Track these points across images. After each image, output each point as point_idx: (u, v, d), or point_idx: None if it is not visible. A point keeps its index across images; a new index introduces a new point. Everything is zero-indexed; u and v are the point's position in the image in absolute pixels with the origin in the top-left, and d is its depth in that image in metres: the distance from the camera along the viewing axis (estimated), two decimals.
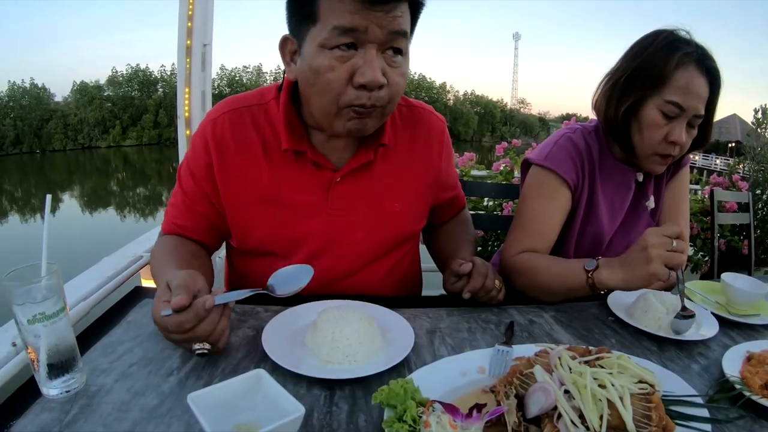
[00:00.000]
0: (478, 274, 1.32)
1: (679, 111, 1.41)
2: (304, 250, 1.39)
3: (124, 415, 0.88)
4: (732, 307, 1.39)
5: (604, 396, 0.78)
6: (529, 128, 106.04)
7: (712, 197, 3.39)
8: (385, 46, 1.14)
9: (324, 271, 1.38)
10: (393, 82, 1.17)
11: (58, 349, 0.91)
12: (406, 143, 1.46)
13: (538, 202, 1.57)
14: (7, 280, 0.87)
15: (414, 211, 1.50)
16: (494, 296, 1.35)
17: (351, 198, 1.38)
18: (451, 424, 0.78)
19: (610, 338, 1.25)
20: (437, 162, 1.53)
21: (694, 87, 1.40)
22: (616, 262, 1.29)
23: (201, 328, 0.97)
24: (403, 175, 1.45)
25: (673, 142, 1.44)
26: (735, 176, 4.53)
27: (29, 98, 63.54)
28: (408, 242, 1.56)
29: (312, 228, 1.37)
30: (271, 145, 1.34)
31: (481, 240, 3.50)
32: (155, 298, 1.02)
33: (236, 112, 1.35)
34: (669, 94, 1.41)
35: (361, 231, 1.41)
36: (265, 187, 1.34)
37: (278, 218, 1.36)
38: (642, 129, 1.47)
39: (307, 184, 1.35)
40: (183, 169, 1.40)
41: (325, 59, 1.12)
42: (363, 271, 1.46)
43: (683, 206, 1.71)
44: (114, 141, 68.59)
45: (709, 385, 1.04)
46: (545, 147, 1.60)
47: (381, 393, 0.84)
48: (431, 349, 1.15)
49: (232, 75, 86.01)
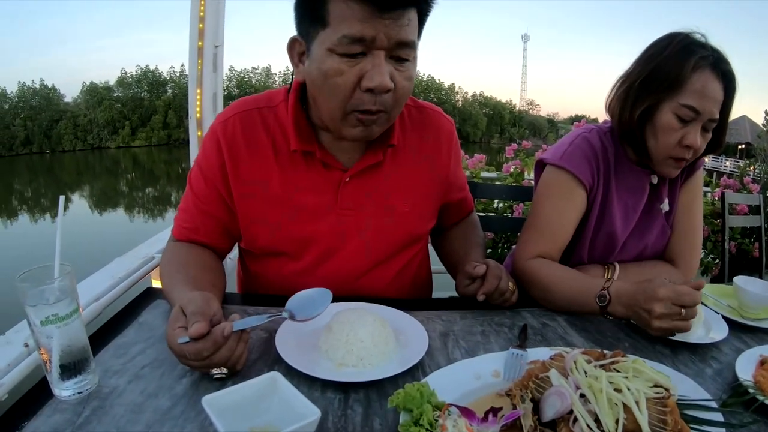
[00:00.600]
0: (493, 276, 1.31)
1: (695, 115, 1.39)
2: (315, 250, 1.39)
3: (137, 417, 0.88)
4: (744, 310, 1.38)
5: (619, 400, 0.78)
6: (538, 130, 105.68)
7: (723, 200, 3.36)
8: (392, 52, 1.15)
9: (334, 271, 1.40)
10: (399, 86, 1.18)
11: (70, 350, 0.91)
12: (414, 144, 1.47)
13: (552, 202, 1.55)
14: (20, 281, 0.87)
15: (423, 211, 1.50)
16: (508, 298, 1.35)
17: (360, 198, 1.39)
18: (467, 427, 0.77)
19: (624, 342, 1.24)
20: (446, 162, 1.53)
21: (710, 91, 1.38)
22: (624, 306, 1.26)
23: (219, 355, 0.95)
24: (412, 176, 1.45)
25: (688, 146, 1.42)
26: (746, 179, 4.50)
27: (39, 99, 64.17)
28: (418, 243, 1.56)
29: (322, 228, 1.37)
30: (280, 146, 1.34)
31: (491, 242, 3.49)
32: (169, 322, 1.00)
33: (246, 114, 1.36)
34: (684, 98, 1.39)
35: (371, 231, 1.41)
36: (275, 187, 1.35)
37: (288, 218, 1.36)
38: (657, 133, 1.45)
39: (317, 184, 1.36)
40: (194, 173, 1.40)
41: (333, 63, 1.13)
42: (373, 272, 1.46)
43: (697, 209, 1.69)
44: (123, 141, 69.02)
45: (723, 389, 1.03)
46: (560, 147, 1.58)
47: (397, 396, 0.84)
48: (445, 352, 1.14)
49: (241, 76, 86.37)
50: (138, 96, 74.37)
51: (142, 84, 75.61)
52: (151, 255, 1.93)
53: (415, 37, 1.17)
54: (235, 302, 1.38)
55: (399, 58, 1.17)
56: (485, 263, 1.33)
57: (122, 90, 74.00)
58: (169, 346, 0.98)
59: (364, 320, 1.10)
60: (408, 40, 1.14)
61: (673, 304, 1.14)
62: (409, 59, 1.19)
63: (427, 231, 1.58)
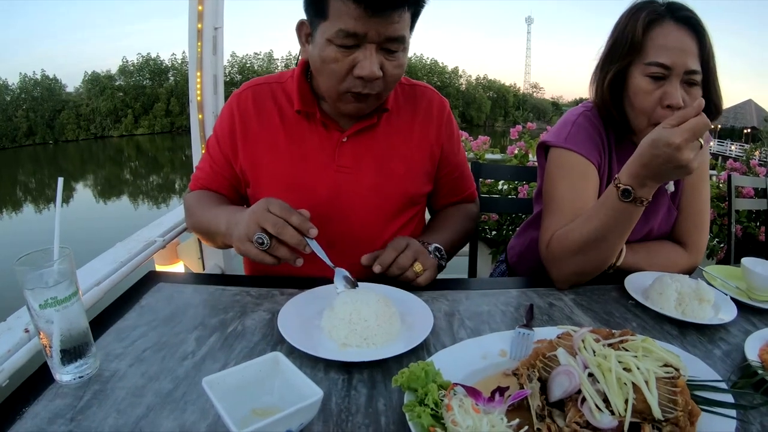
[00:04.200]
0: (392, 248, 1.35)
1: (665, 70, 1.35)
2: (315, 207, 1.39)
3: (138, 400, 0.87)
4: (752, 292, 1.36)
5: (629, 379, 0.76)
6: (542, 113, 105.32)
7: (730, 182, 3.31)
8: (384, 45, 1.28)
9: (333, 226, 1.46)
10: (389, 74, 1.32)
11: (70, 334, 0.90)
12: (407, 114, 1.59)
13: (569, 182, 1.49)
14: (18, 265, 0.86)
15: (418, 173, 1.58)
16: (410, 277, 1.34)
17: (357, 157, 1.51)
18: (473, 407, 0.76)
19: (631, 322, 1.22)
20: (436, 132, 1.61)
21: (673, 41, 1.35)
22: (641, 165, 1.18)
23: (290, 232, 1.13)
24: (405, 141, 1.56)
25: (670, 106, 1.37)
26: (753, 161, 4.45)
27: (41, 89, 64.32)
28: (414, 206, 1.63)
29: (322, 184, 1.49)
30: (286, 111, 1.51)
31: (496, 224, 3.47)
32: (262, 202, 1.17)
33: (258, 87, 1.55)
34: (648, 56, 1.37)
35: (367, 188, 1.51)
36: (280, 145, 1.50)
37: (290, 172, 1.49)
38: (632, 100, 1.42)
39: (317, 142, 1.50)
40: (211, 139, 1.60)
41: (331, 52, 1.27)
42: (371, 230, 1.53)
43: (704, 189, 1.64)
44: (126, 130, 69.22)
45: (732, 370, 1.02)
46: (563, 128, 1.54)
47: (401, 376, 0.82)
48: (450, 332, 1.13)
49: (243, 62, 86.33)
50: (140, 84, 74.53)
51: (144, 72, 75.73)
52: (153, 239, 1.92)
53: (406, 32, 1.30)
54: (244, 284, 1.38)
55: (389, 50, 1.29)
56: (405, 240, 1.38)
57: (124, 78, 74.16)
58: (264, 205, 1.16)
59: (367, 300, 1.09)
60: (397, 36, 1.27)
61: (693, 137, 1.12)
62: (399, 50, 1.31)
63: (424, 194, 1.65)
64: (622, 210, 1.25)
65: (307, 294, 1.24)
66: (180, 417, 0.83)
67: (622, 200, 1.23)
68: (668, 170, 1.16)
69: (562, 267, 1.38)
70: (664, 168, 1.15)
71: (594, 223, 1.31)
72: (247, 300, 1.27)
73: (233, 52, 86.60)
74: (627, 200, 1.22)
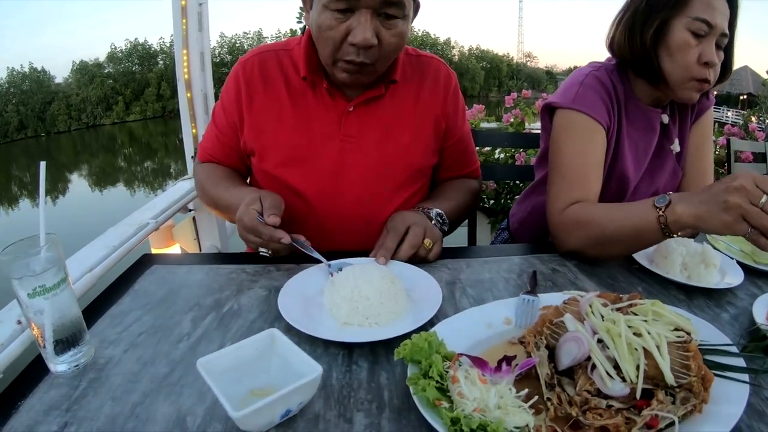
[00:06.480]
0: (393, 233, 1.32)
1: (708, 29, 1.33)
2: (320, 176, 1.48)
3: (134, 386, 0.85)
4: (757, 255, 1.33)
5: (639, 345, 0.74)
6: (536, 82, 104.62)
7: (729, 146, 3.29)
8: (381, 10, 1.24)
9: (337, 197, 1.48)
10: (385, 42, 1.28)
11: (62, 322, 0.88)
12: (414, 85, 1.55)
13: (575, 145, 1.44)
14: (4, 255, 0.83)
15: (423, 144, 1.56)
16: (422, 255, 1.32)
17: (362, 127, 1.48)
18: (480, 378, 0.73)
19: (637, 286, 1.20)
20: (442, 103, 1.57)
21: (717, 3, 1.34)
22: (695, 197, 1.10)
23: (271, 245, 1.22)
24: (411, 111, 1.53)
25: (707, 63, 1.35)
26: (752, 125, 4.42)
27: (30, 82, 63.85)
28: (419, 179, 1.60)
29: (327, 153, 1.47)
30: (292, 79, 1.49)
31: (494, 193, 3.45)
32: (247, 202, 1.23)
33: (264, 54, 1.52)
34: (695, 11, 1.34)
35: (372, 158, 1.49)
36: (285, 112, 1.47)
37: (294, 143, 1.47)
38: (673, 53, 1.38)
39: (322, 111, 1.48)
40: (217, 107, 1.60)
41: (326, 18, 1.25)
42: (375, 201, 1.51)
43: (708, 150, 1.63)
44: (118, 117, 68.78)
45: (740, 334, 1.00)
46: (570, 88, 1.49)
47: (403, 348, 0.80)
48: (453, 302, 1.11)
49: (232, 42, 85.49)
50: (129, 70, 74.06)
51: (133, 57, 75.24)
52: (145, 222, 1.89)
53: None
54: (239, 262, 1.35)
55: (387, 15, 1.26)
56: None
57: (113, 66, 73.67)
58: (239, 217, 1.23)
59: (369, 276, 1.06)
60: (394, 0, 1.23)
61: (755, 185, 1.00)
62: (398, 17, 1.28)
63: (429, 167, 1.62)
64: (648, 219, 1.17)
65: (308, 271, 1.21)
66: (176, 401, 0.81)
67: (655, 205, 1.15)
68: (714, 202, 1.05)
69: (571, 241, 1.35)
70: (713, 200, 1.05)
71: (615, 215, 1.25)
72: (243, 277, 1.25)
73: (222, 32, 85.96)
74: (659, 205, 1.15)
